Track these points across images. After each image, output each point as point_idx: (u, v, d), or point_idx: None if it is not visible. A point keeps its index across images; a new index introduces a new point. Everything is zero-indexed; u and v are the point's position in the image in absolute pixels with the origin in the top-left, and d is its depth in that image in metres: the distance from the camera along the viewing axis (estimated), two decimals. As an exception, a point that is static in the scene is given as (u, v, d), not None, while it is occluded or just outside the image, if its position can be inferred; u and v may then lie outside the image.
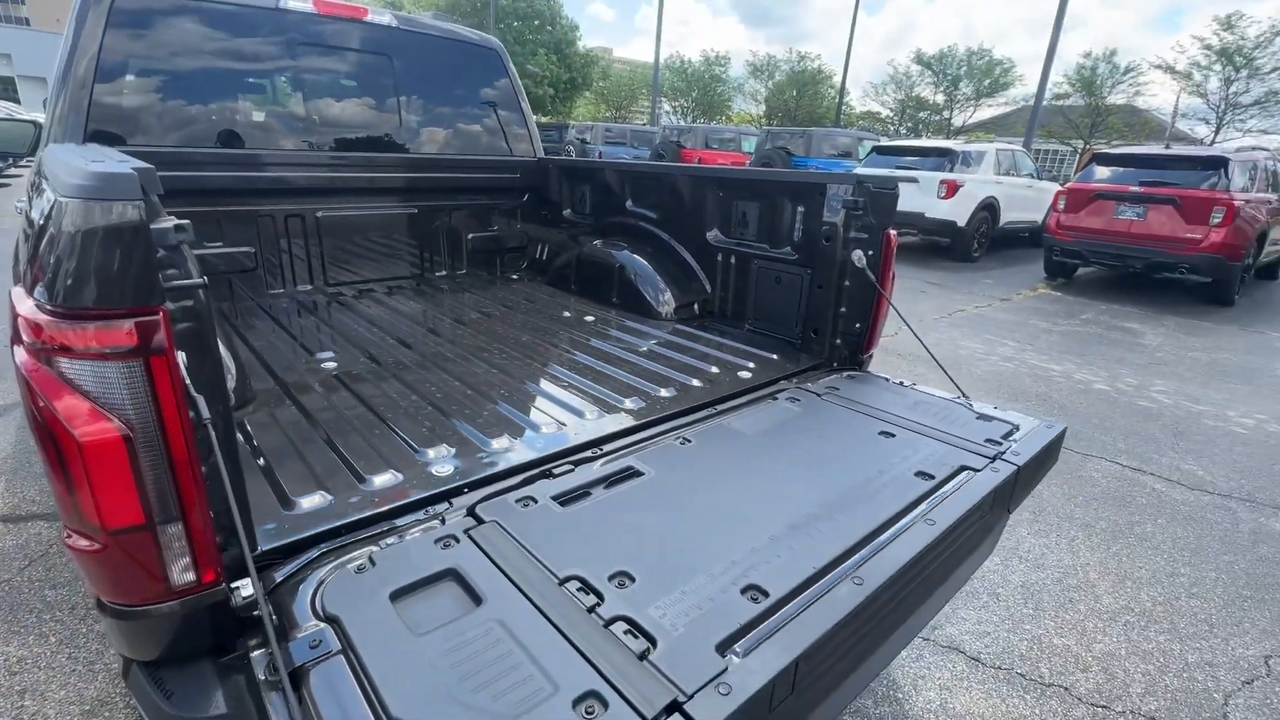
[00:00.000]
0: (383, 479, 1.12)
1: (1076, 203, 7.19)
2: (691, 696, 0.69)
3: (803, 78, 38.11)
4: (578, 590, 0.86)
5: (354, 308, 2.29)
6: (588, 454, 1.25)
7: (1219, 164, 6.48)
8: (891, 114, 35.72)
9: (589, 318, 2.26)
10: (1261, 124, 25.28)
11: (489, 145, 2.88)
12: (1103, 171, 7.26)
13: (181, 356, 0.73)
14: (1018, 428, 1.43)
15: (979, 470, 1.23)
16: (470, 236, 2.90)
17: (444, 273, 2.84)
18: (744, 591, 0.87)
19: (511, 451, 1.25)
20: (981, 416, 1.49)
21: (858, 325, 1.83)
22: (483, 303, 2.44)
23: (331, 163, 2.42)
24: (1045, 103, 28.78)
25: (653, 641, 0.77)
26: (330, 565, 0.90)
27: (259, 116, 2.29)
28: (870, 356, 1.90)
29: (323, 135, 2.41)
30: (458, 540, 0.96)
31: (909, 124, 34.96)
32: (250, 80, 2.27)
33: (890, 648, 1.07)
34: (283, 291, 2.41)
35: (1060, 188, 7.70)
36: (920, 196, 8.49)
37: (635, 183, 2.55)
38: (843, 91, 25.61)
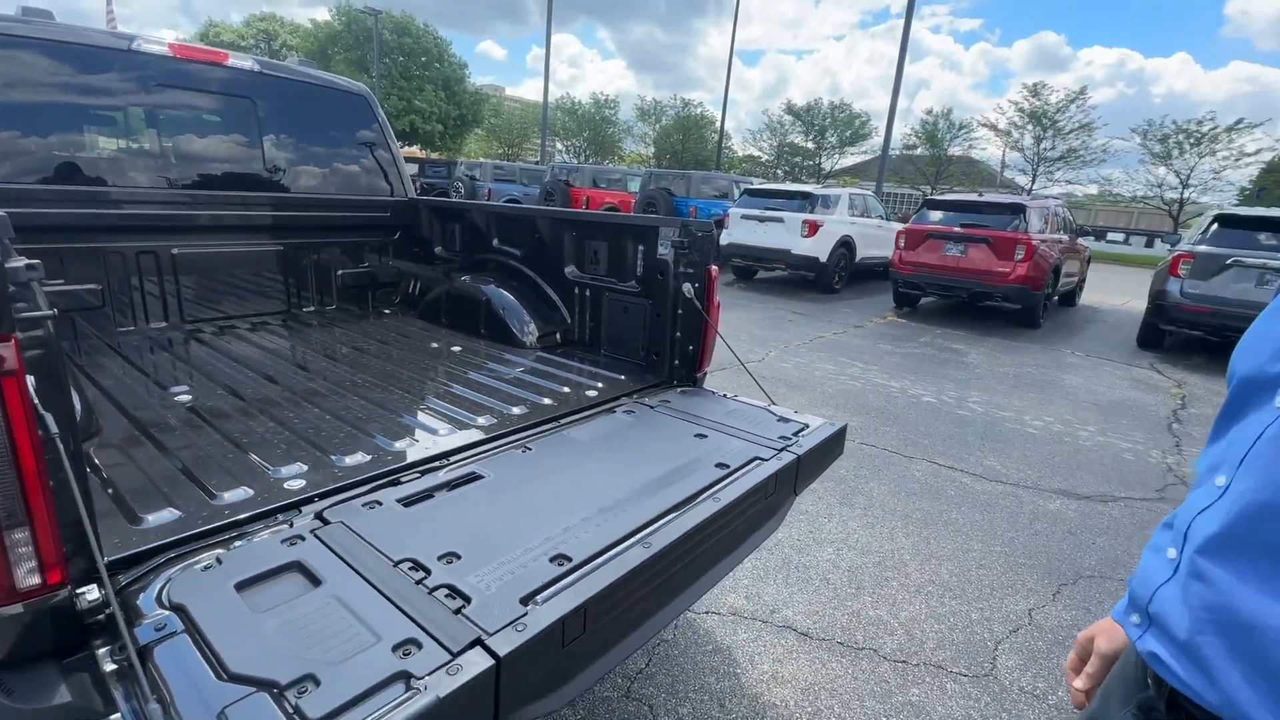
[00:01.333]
0: (234, 494, 1.22)
1: (913, 241, 8.22)
2: (493, 634, 0.87)
3: (688, 122, 40.35)
4: (409, 569, 1.02)
5: (213, 344, 2.29)
6: (435, 464, 1.41)
7: (1019, 209, 7.69)
8: (769, 158, 38.54)
9: (456, 348, 2.41)
10: (1067, 175, 29.75)
11: (359, 185, 2.98)
12: (933, 214, 8.37)
13: (31, 380, 0.83)
14: (808, 426, 1.75)
15: (767, 460, 1.51)
16: (341, 273, 2.96)
17: (313, 308, 2.87)
18: (552, 559, 1.06)
19: (363, 465, 1.38)
20: (781, 419, 1.79)
21: (691, 348, 2.12)
22: (353, 336, 2.51)
23: (188, 201, 2.43)
24: (898, 152, 32.17)
25: (468, 600, 0.95)
26: (178, 567, 1.00)
27: (108, 153, 2.27)
28: (704, 374, 2.19)
29: (179, 173, 2.42)
30: (303, 539, 1.08)
31: (785, 168, 37.86)
32: (99, 117, 2.26)
33: (685, 599, 1.29)
34: (134, 329, 2.36)
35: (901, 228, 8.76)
36: (787, 235, 9.33)
37: (500, 223, 2.75)
38: (721, 135, 27.39)
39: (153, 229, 2.37)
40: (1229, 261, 6.34)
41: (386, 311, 3.01)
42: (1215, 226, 6.78)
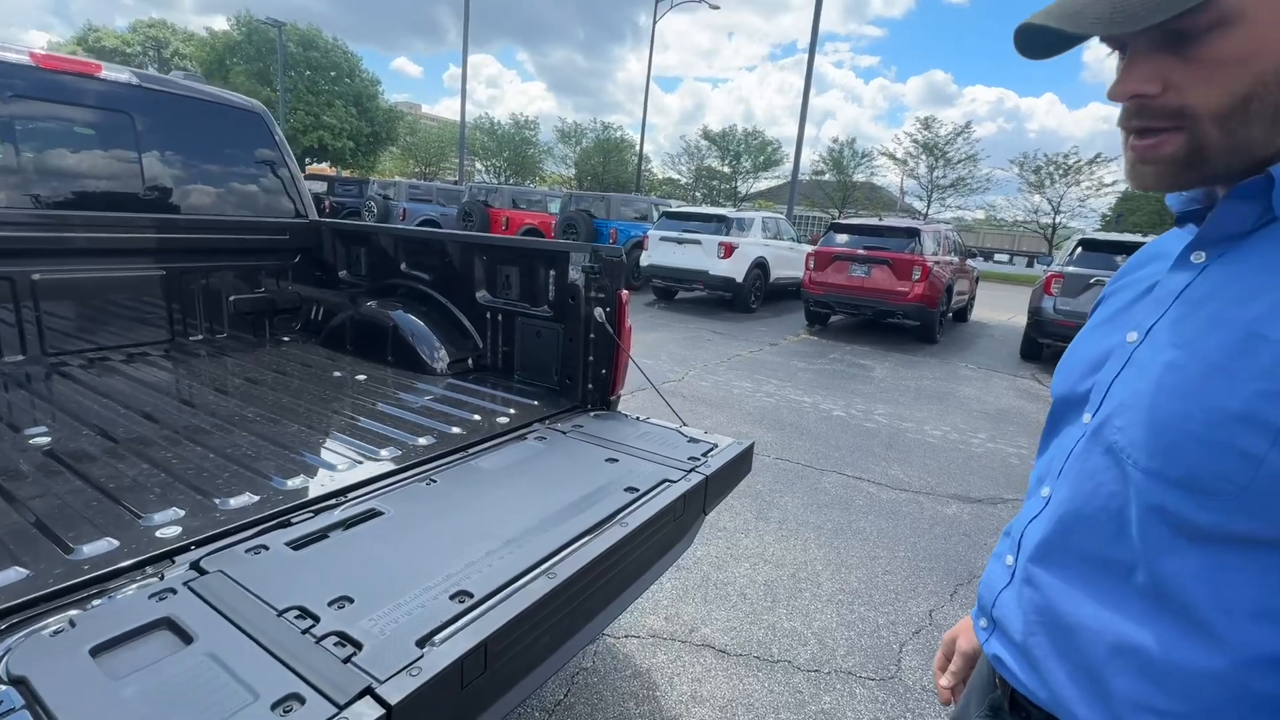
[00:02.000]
0: (95, 547, 1.11)
1: (822, 263, 8.65)
2: (385, 681, 0.83)
3: (608, 145, 40.90)
4: (296, 618, 0.96)
5: (81, 380, 2.09)
6: (332, 502, 1.34)
7: (914, 233, 8.27)
8: (688, 181, 39.64)
9: (361, 377, 2.31)
10: (958, 201, 32.35)
11: (254, 206, 2.83)
12: (839, 237, 8.86)
13: None
14: (716, 446, 1.79)
15: (676, 481, 1.54)
16: (234, 298, 2.78)
17: (201, 337, 2.68)
18: (452, 597, 1.03)
19: (249, 508, 1.29)
20: (691, 440, 1.83)
21: (604, 371, 2.13)
22: (246, 367, 2.36)
23: (51, 222, 2.22)
24: (807, 178, 33.88)
25: (359, 646, 0.90)
26: (20, 634, 0.89)
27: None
28: (618, 398, 2.21)
29: (41, 192, 2.21)
30: (175, 592, 1.00)
31: (703, 190, 39.04)
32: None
33: (596, 625, 1.28)
34: (-17, 364, 2.11)
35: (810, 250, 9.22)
36: (704, 257, 9.60)
37: (409, 247, 2.68)
38: (640, 158, 27.93)
39: (8, 253, 2.14)
40: (1092, 281, 7.07)
41: (285, 339, 2.85)
42: (1079, 249, 7.56)
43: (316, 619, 0.96)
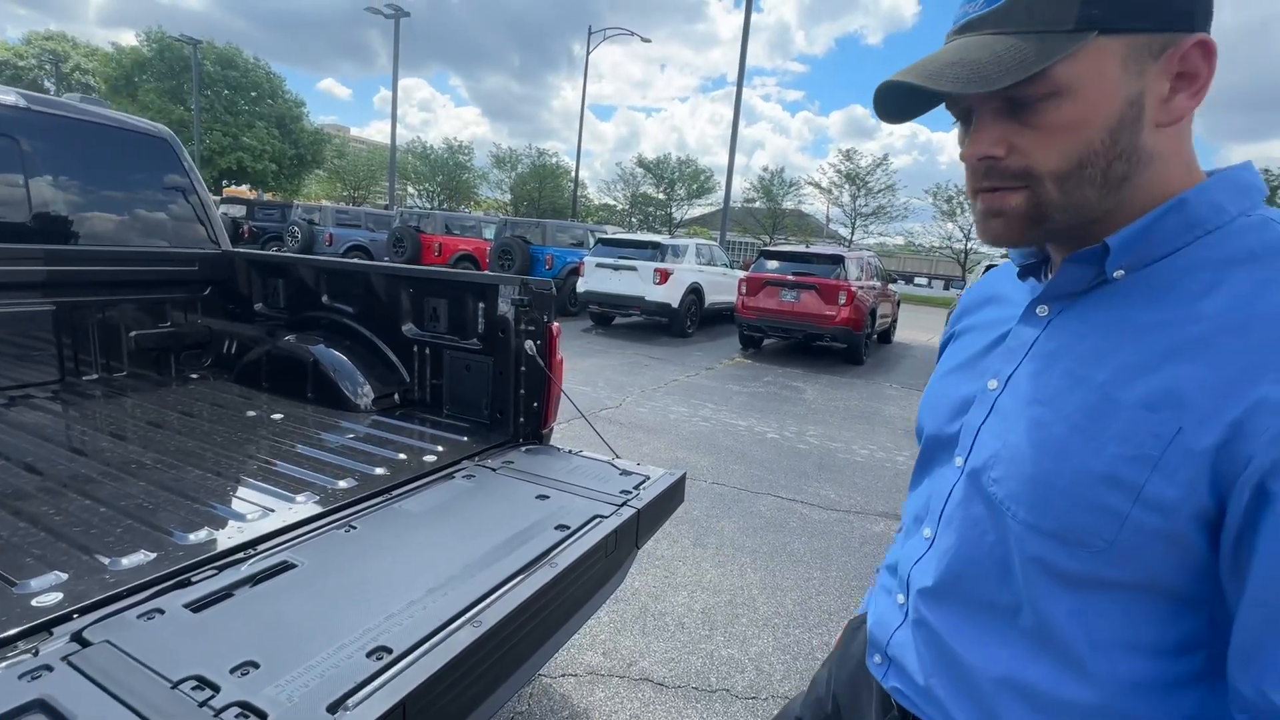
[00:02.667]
0: (-45, 622, 0.99)
1: (754, 288, 8.92)
2: None
3: (544, 171, 40.98)
4: (193, 689, 0.89)
5: None
6: (239, 556, 1.25)
7: (839, 260, 8.66)
8: (624, 208, 40.14)
9: (277, 416, 2.19)
10: (879, 228, 34.16)
11: (162, 235, 2.66)
12: (770, 263, 9.17)
13: None
14: (648, 478, 1.79)
15: (607, 516, 1.53)
16: (135, 333, 2.59)
17: (96, 376, 2.48)
18: (370, 654, 0.98)
19: (144, 567, 1.19)
20: (624, 473, 1.83)
21: (535, 404, 2.11)
22: (148, 408, 2.19)
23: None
24: (739, 205, 34.96)
25: (263, 717, 0.84)
26: None
27: None
28: (550, 430, 2.18)
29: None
30: (51, 669, 0.90)
31: (639, 216, 39.61)
32: None
33: (528, 669, 1.24)
34: None
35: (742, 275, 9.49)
36: (640, 283, 9.70)
37: (331, 278, 2.58)
38: (576, 185, 28.13)
39: None
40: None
41: (194, 376, 2.68)
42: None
43: (216, 689, 0.89)
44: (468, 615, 1.11)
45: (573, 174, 31.94)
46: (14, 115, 2.24)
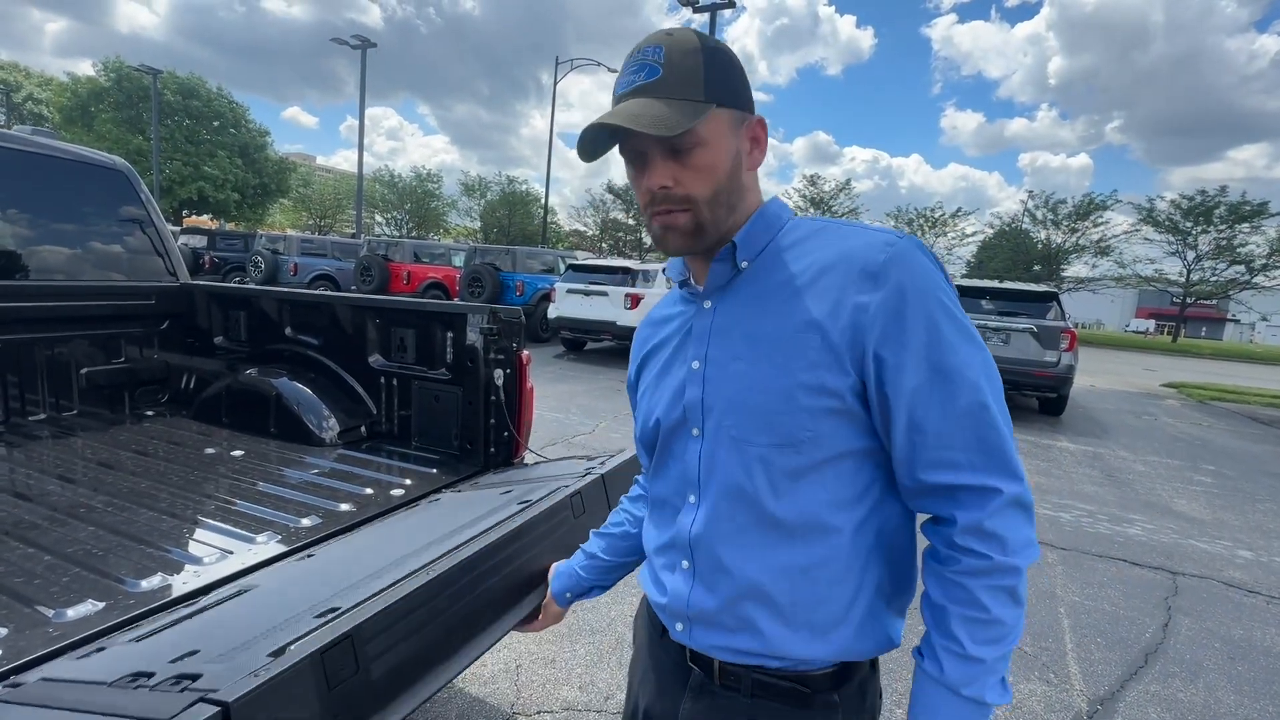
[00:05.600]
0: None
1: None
2: (221, 690, 0.73)
3: (514, 198, 41.08)
4: (128, 682, 0.82)
5: None
6: (194, 603, 1.20)
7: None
8: (595, 234, 40.37)
9: (238, 453, 2.13)
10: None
11: (118, 268, 2.59)
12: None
13: None
14: (618, 453, 1.81)
15: (569, 485, 1.53)
16: (86, 370, 2.50)
17: (44, 415, 2.38)
18: (319, 615, 0.94)
19: (92, 617, 1.13)
20: (591, 458, 1.83)
21: (506, 434, 2.08)
22: (99, 448, 2.11)
23: None
24: (707, 230, 35.60)
25: (196, 677, 0.80)
26: None
27: None
28: (522, 459, 2.16)
29: None
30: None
31: (610, 242, 39.85)
32: None
33: (502, 624, 1.18)
34: None
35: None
36: (611, 308, 9.74)
37: (294, 310, 2.53)
38: (546, 212, 28.28)
39: None
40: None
41: (149, 413, 2.58)
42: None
43: (152, 674, 0.84)
44: (420, 568, 1.08)
45: (543, 201, 32.11)
46: (-41, 148, 2.17)
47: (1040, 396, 7.99)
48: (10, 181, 2.31)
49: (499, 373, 2.04)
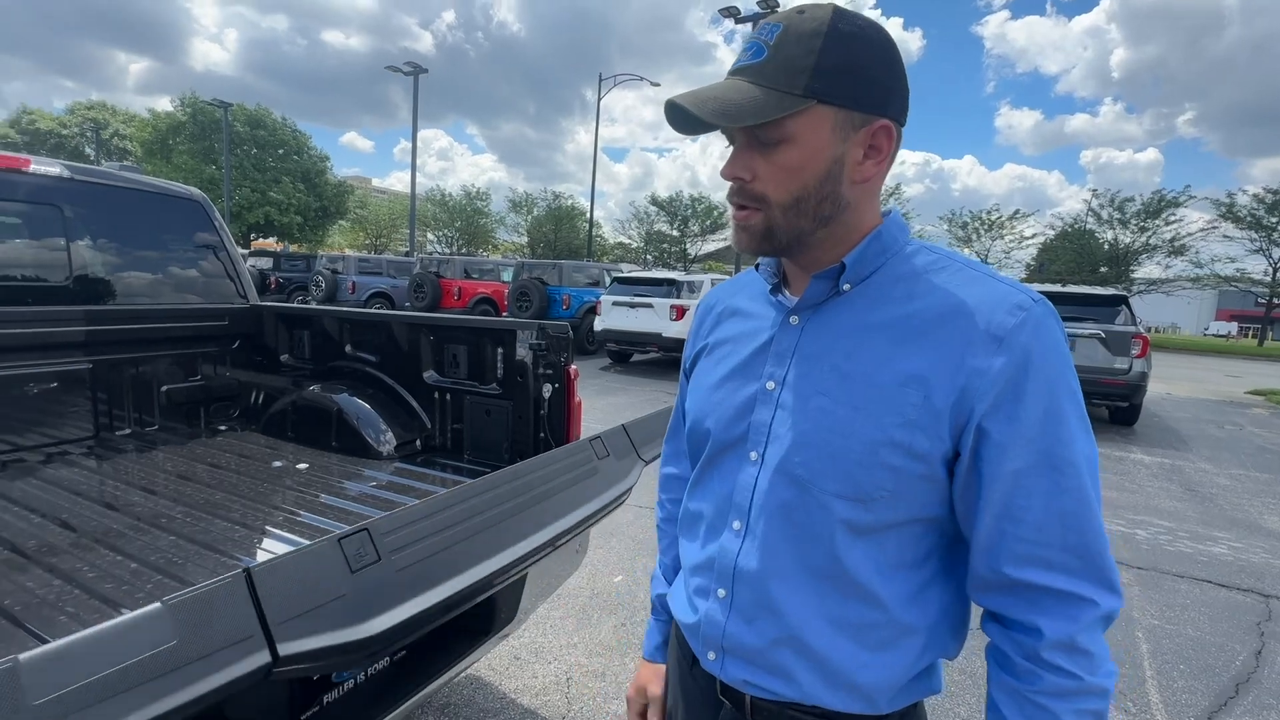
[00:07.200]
0: None
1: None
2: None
3: (559, 213, 41.80)
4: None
5: None
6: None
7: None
8: (639, 245, 40.65)
9: (303, 465, 2.23)
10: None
11: (194, 291, 2.76)
12: None
13: None
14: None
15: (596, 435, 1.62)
16: (166, 388, 2.67)
17: (129, 430, 2.55)
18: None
19: None
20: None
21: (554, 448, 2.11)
22: (178, 461, 2.24)
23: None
24: (752, 239, 35.35)
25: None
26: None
27: None
28: (571, 473, 2.18)
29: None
30: None
31: (654, 254, 40.04)
32: None
33: (542, 534, 1.23)
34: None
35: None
36: (657, 319, 9.77)
37: (354, 329, 2.65)
38: (591, 226, 28.67)
39: None
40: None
41: (222, 428, 2.74)
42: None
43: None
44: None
45: (588, 215, 32.59)
46: (58, 185, 2.37)
47: (1110, 406, 7.57)
48: (102, 214, 2.50)
49: (548, 387, 2.08)
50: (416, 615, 0.92)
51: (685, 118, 0.67)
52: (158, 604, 0.70)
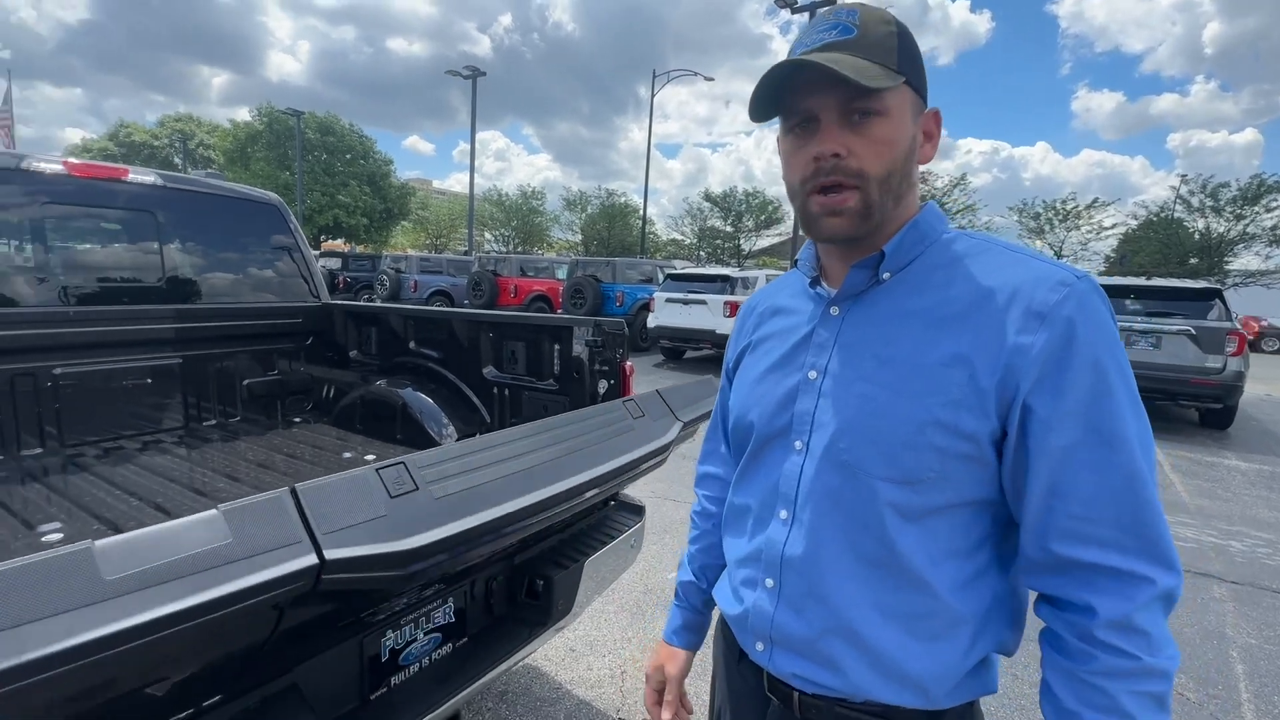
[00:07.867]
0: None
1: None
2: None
3: (613, 211, 42.04)
4: None
5: (97, 471, 2.12)
6: (337, 593, 1.33)
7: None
8: (692, 242, 40.45)
9: (370, 457, 2.33)
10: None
11: (271, 290, 2.93)
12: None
13: None
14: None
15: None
16: (247, 382, 2.84)
17: (214, 421, 2.72)
18: None
19: None
20: None
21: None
22: (258, 451, 2.38)
23: (75, 318, 2.31)
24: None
25: None
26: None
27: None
28: (625, 469, 2.20)
29: (69, 291, 2.31)
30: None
31: (707, 249, 39.77)
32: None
33: (589, 471, 1.27)
34: (2, 458, 2.15)
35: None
36: (710, 316, 9.71)
37: (417, 325, 2.74)
38: (645, 223, 28.70)
39: (33, 349, 2.22)
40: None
41: (296, 420, 2.89)
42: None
43: None
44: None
45: (641, 212, 32.65)
46: (153, 193, 2.55)
47: (1201, 408, 7.04)
48: (191, 218, 2.68)
49: (603, 383, 2.10)
50: (451, 535, 0.96)
51: (767, 100, 0.70)
52: (214, 509, 0.77)
